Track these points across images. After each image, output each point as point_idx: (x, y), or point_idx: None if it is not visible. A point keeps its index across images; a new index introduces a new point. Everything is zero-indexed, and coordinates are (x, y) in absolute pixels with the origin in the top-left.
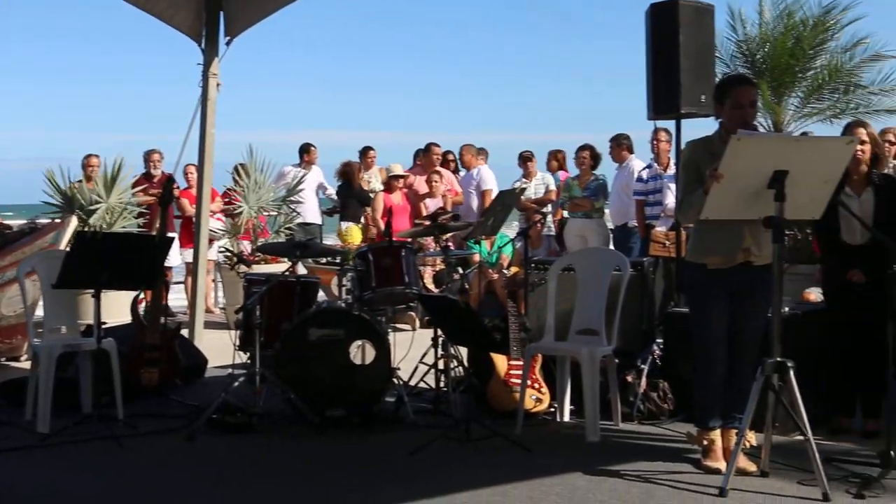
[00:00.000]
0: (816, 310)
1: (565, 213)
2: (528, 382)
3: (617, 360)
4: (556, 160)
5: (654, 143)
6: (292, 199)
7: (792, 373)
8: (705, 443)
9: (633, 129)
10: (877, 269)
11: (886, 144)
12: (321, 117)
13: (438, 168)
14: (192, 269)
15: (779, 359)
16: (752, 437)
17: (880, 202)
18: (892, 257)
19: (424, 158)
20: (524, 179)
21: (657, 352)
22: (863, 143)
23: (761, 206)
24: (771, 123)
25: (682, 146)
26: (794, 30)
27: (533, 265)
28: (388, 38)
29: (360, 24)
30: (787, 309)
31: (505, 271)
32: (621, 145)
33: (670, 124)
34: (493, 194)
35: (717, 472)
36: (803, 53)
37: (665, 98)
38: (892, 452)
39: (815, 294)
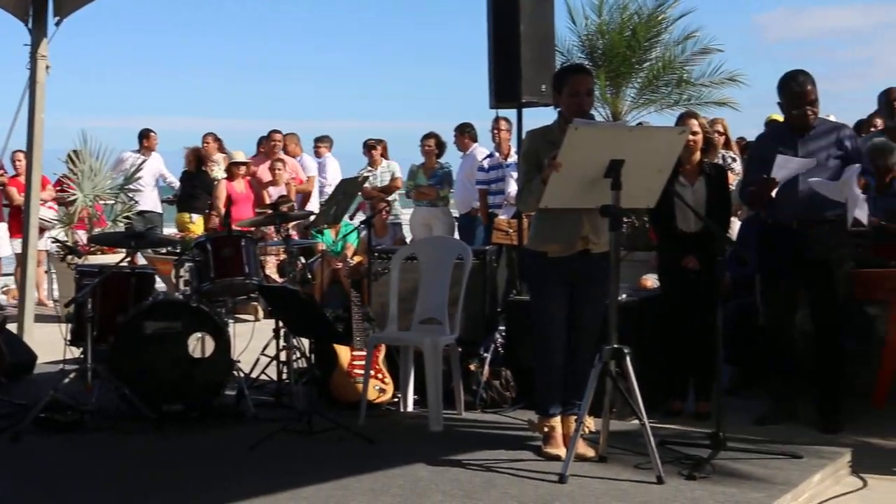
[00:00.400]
0: (652, 296)
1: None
2: (372, 373)
3: (460, 349)
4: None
5: (495, 132)
6: (130, 186)
7: (628, 359)
8: (546, 430)
9: (477, 117)
10: (710, 256)
11: (716, 135)
12: (162, 103)
13: (282, 156)
14: (21, 259)
15: (616, 345)
16: (590, 423)
17: (712, 191)
18: (721, 245)
19: (267, 145)
20: (369, 168)
21: (500, 340)
22: (694, 133)
23: (598, 194)
24: (609, 114)
25: (524, 135)
26: (630, 22)
27: (376, 254)
28: (229, 18)
29: (198, 5)
30: (624, 296)
31: (349, 260)
32: (464, 134)
33: (512, 113)
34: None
35: (557, 458)
36: (639, 46)
37: (507, 87)
38: (721, 434)
39: (651, 280)
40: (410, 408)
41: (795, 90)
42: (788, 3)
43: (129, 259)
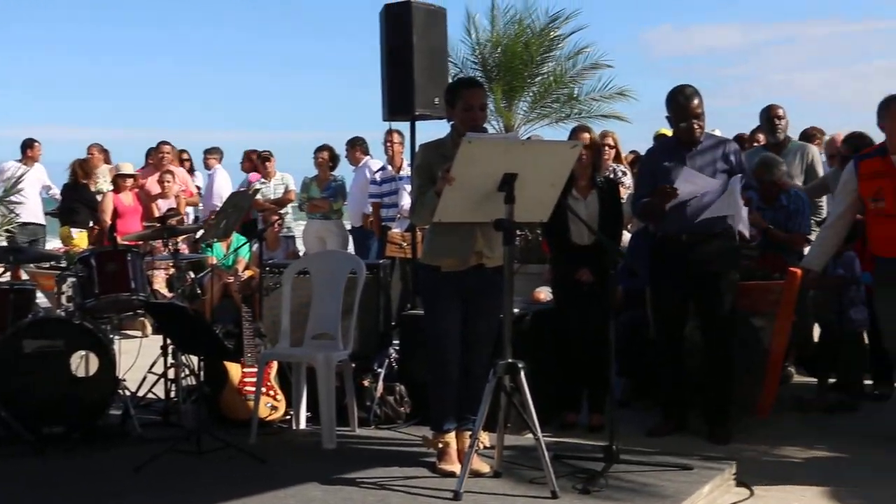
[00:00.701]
0: (546, 309)
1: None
2: (263, 390)
3: (353, 365)
4: (249, 160)
5: (388, 144)
6: (11, 198)
7: (523, 374)
8: (440, 446)
9: (370, 128)
10: (603, 269)
11: (606, 148)
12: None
13: (171, 167)
14: None
15: (510, 360)
16: (485, 438)
17: (604, 204)
18: (612, 259)
19: (155, 157)
20: (263, 179)
21: (393, 355)
22: (587, 147)
23: (492, 208)
24: (502, 127)
25: (417, 148)
26: (523, 36)
27: (268, 268)
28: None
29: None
30: (517, 309)
31: (241, 275)
32: (356, 147)
33: (405, 126)
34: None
35: (452, 475)
36: (532, 60)
37: (399, 99)
38: (614, 447)
39: (545, 293)
40: (303, 425)
41: (682, 103)
42: (674, 20)
43: (10, 274)
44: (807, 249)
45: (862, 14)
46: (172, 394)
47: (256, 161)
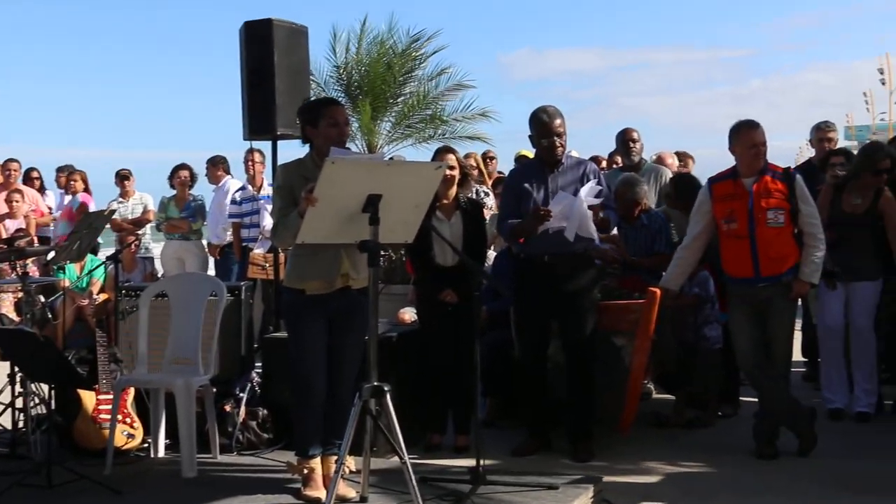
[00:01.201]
0: (411, 330)
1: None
2: (119, 418)
3: (215, 390)
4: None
5: (249, 164)
6: None
7: (388, 396)
8: (305, 471)
9: (230, 148)
10: (467, 290)
11: (468, 167)
12: None
13: (20, 186)
14: None
15: (375, 383)
16: (351, 463)
17: (468, 225)
18: (476, 280)
19: (2, 175)
20: (121, 199)
21: (256, 379)
22: (451, 168)
23: (357, 229)
24: (365, 148)
25: (278, 168)
26: (386, 56)
27: (124, 291)
28: None
29: None
30: (381, 330)
31: (95, 298)
32: (217, 166)
33: (266, 145)
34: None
35: (317, 501)
36: (394, 80)
37: (261, 118)
38: (480, 468)
39: (409, 314)
40: (161, 453)
41: (545, 121)
42: (532, 44)
43: None
44: None
45: (707, 43)
46: (21, 424)
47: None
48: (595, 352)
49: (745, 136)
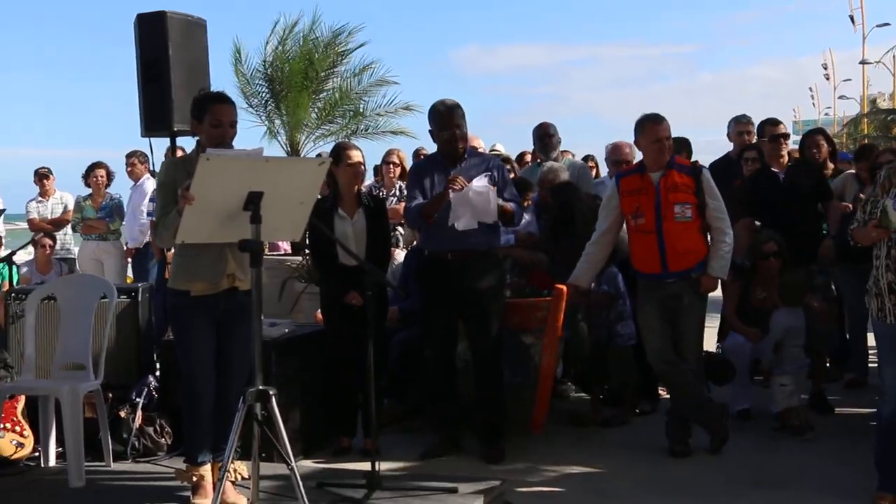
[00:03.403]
0: (317, 330)
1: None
2: (8, 426)
3: (110, 395)
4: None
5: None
6: None
7: (274, 400)
8: (195, 479)
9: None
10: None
11: (391, 166)
12: None
13: None
14: None
15: (260, 387)
16: (243, 469)
17: (372, 222)
18: (372, 280)
19: None
20: (41, 198)
21: (153, 383)
22: (355, 164)
23: (239, 228)
24: (288, 144)
25: (161, 164)
26: (308, 52)
27: (14, 294)
28: None
29: None
30: (286, 330)
31: None
32: (144, 163)
33: (164, 141)
34: None
35: None
36: (316, 76)
37: (157, 114)
38: (376, 472)
39: None
40: (52, 462)
41: (443, 113)
42: (481, 40)
43: None
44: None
45: (656, 38)
46: None
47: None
48: (503, 350)
49: (650, 130)
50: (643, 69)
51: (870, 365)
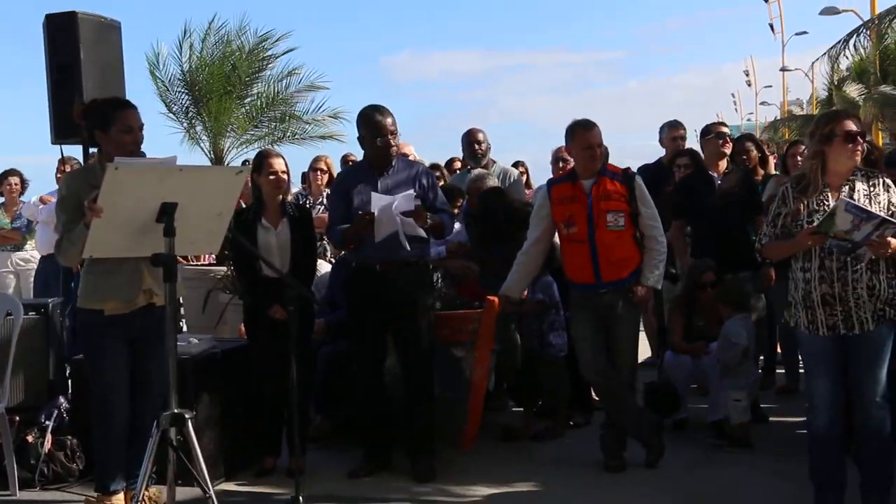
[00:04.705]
0: (239, 346)
1: None
2: None
3: (17, 419)
4: None
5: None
6: None
7: (190, 424)
8: None
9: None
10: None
11: (319, 173)
12: None
13: None
14: None
15: (176, 410)
16: (159, 495)
17: (297, 232)
18: (292, 294)
19: None
20: None
21: (64, 405)
22: (277, 172)
23: (152, 241)
24: (212, 151)
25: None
26: (232, 57)
27: None
28: None
29: None
30: (207, 346)
31: None
32: (70, 168)
33: (77, 149)
34: None
35: None
36: (240, 81)
37: (68, 120)
38: (300, 498)
39: None
40: None
41: (377, 120)
42: (414, 46)
43: None
44: None
45: (583, 45)
46: None
47: None
48: (433, 364)
49: (580, 137)
50: (572, 76)
51: (800, 370)
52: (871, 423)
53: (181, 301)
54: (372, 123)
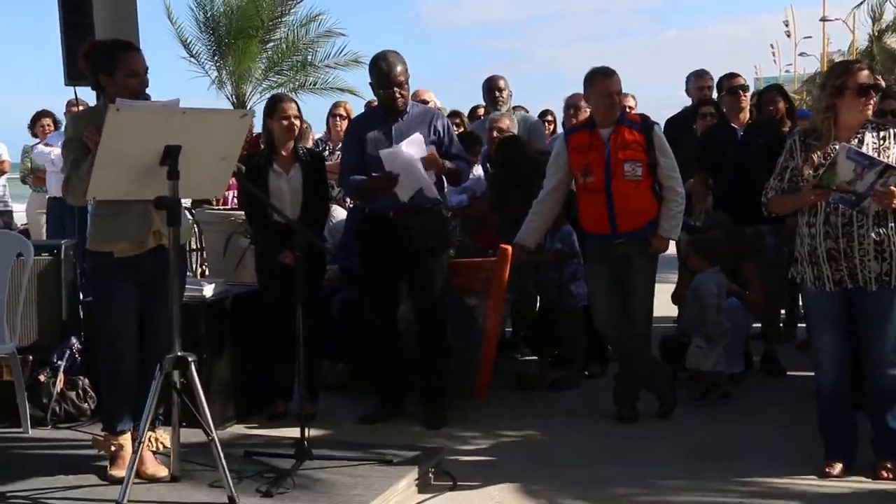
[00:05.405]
0: (250, 291)
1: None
2: None
3: (31, 358)
4: None
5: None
6: None
7: (194, 367)
8: (113, 448)
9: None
10: (309, 249)
11: (338, 118)
12: None
13: None
14: None
15: (179, 353)
16: (165, 438)
17: (308, 179)
18: (300, 239)
19: None
20: None
21: (76, 345)
22: (291, 118)
23: (157, 184)
24: (234, 95)
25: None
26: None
27: None
28: None
29: None
30: (219, 290)
31: None
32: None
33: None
34: None
35: (122, 481)
36: (263, 25)
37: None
38: (305, 442)
39: None
40: None
41: (384, 70)
42: None
43: None
44: None
45: None
46: None
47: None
48: (447, 312)
49: (599, 84)
50: (609, 25)
51: None
52: (883, 380)
53: (203, 245)
54: (379, 73)
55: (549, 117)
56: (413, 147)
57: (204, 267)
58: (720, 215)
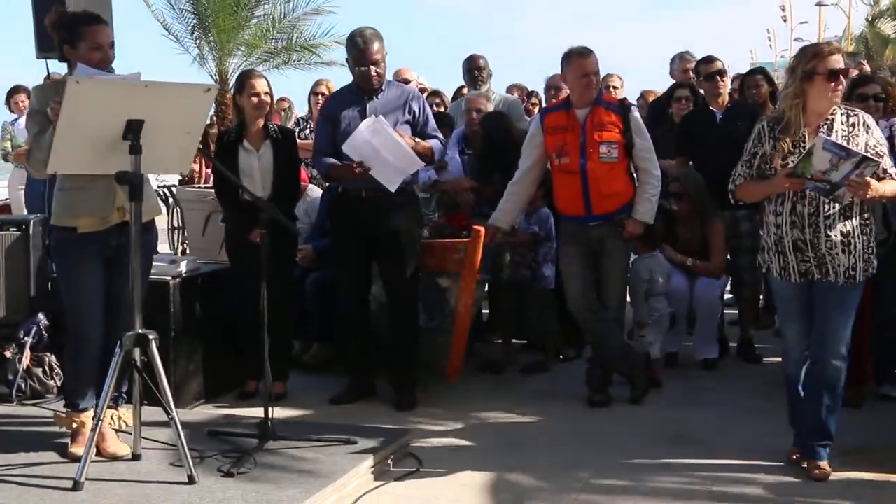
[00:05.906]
0: (222, 269)
1: None
2: None
3: None
4: None
5: None
6: None
7: (154, 345)
8: (74, 425)
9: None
10: (277, 228)
11: (319, 97)
12: None
13: None
14: None
15: (140, 331)
16: (128, 416)
17: (279, 156)
18: (266, 217)
19: None
20: None
21: (44, 321)
22: (259, 94)
23: (120, 158)
24: (216, 73)
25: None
26: None
27: None
28: None
29: None
30: (188, 268)
31: None
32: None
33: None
34: None
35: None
36: (247, 1)
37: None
38: (269, 422)
39: None
40: None
41: (360, 47)
42: None
43: None
44: None
45: None
46: None
47: None
48: (418, 293)
49: (576, 64)
50: (604, 7)
51: None
52: (826, 370)
53: (183, 224)
54: (355, 50)
55: (535, 99)
56: (378, 135)
57: (185, 245)
58: (689, 170)
